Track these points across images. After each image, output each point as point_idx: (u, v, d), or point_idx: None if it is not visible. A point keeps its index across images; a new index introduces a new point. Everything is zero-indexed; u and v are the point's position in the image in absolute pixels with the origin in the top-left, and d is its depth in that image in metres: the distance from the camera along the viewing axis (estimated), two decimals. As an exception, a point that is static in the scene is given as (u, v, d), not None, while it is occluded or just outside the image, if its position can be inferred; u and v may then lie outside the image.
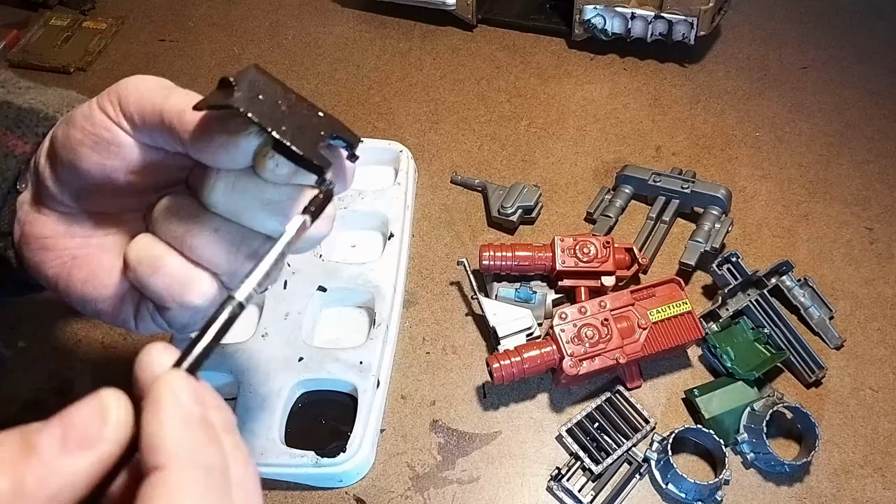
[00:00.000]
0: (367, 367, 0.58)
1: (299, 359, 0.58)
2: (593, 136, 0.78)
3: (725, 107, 0.81)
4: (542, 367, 0.57)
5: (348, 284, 0.63)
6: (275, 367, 0.58)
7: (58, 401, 0.62)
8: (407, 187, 0.70)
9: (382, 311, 0.61)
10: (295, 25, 0.93)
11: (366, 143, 0.73)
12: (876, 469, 0.56)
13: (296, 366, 0.58)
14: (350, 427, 0.55)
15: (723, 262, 0.62)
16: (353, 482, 0.56)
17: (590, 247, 0.62)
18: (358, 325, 0.64)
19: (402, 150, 0.73)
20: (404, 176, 0.70)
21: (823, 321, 0.63)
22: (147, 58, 0.89)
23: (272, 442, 0.54)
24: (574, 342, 0.56)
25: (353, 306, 0.65)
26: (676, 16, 0.79)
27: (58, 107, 0.40)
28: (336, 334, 0.63)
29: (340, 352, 0.59)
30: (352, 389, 0.58)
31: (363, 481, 0.56)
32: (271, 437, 0.55)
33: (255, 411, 0.56)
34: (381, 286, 0.63)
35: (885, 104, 0.81)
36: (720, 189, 0.68)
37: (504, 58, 0.87)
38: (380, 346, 0.59)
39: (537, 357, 0.57)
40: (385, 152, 0.73)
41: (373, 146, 0.73)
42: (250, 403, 0.56)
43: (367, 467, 0.56)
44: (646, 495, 0.55)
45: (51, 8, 0.95)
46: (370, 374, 0.57)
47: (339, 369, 0.58)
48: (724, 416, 0.56)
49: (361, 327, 0.63)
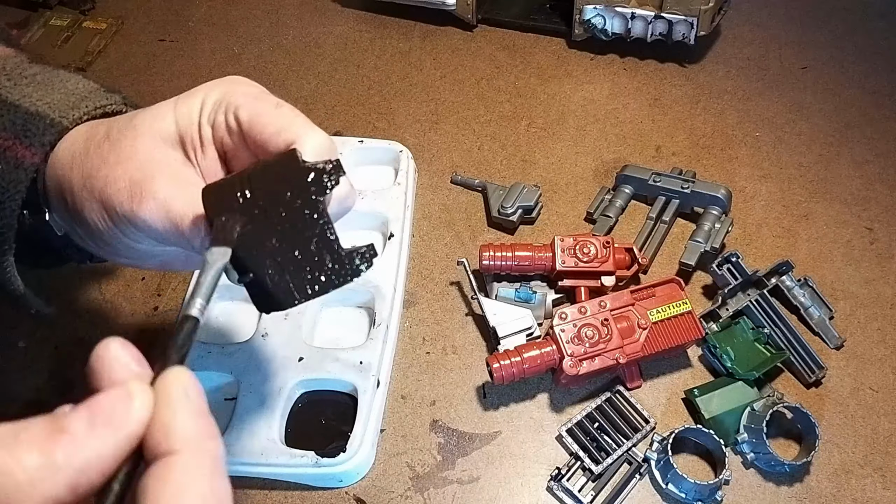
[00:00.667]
0: (368, 367, 0.58)
1: (299, 359, 0.58)
2: (593, 136, 0.78)
3: (725, 107, 0.81)
4: (542, 367, 0.57)
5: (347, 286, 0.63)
6: (275, 367, 0.58)
7: (58, 401, 0.62)
8: (407, 187, 0.70)
9: (382, 310, 0.61)
10: (295, 25, 0.93)
11: (365, 144, 0.73)
12: (876, 469, 0.56)
13: (296, 366, 0.58)
14: (350, 427, 0.55)
15: (723, 262, 0.62)
16: (353, 482, 0.56)
17: (590, 247, 0.62)
18: (358, 325, 0.64)
19: (401, 149, 0.73)
20: (404, 176, 0.70)
21: (823, 321, 0.63)
22: (147, 58, 0.89)
23: (272, 442, 0.54)
24: (574, 342, 0.56)
25: (353, 306, 0.65)
26: (676, 16, 0.79)
27: (63, 110, 0.39)
28: (336, 334, 0.63)
29: (340, 352, 0.59)
30: (352, 389, 0.58)
31: (363, 481, 0.56)
32: (271, 437, 0.54)
33: (255, 411, 0.56)
34: (380, 286, 0.63)
35: (885, 104, 0.81)
36: (720, 189, 0.68)
37: (504, 58, 0.87)
38: (380, 346, 0.59)
39: (537, 357, 0.57)
40: (385, 152, 0.73)
41: (373, 146, 0.73)
42: (250, 403, 0.56)
43: (367, 467, 0.56)
44: (646, 495, 0.55)
45: (51, 8, 0.95)
46: (370, 373, 0.57)
47: (339, 369, 0.58)
48: (724, 416, 0.56)
49: (361, 327, 0.63)
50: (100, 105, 0.41)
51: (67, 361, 0.63)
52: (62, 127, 0.38)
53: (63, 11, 0.95)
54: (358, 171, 0.73)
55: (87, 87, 0.41)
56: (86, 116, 0.40)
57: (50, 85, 0.41)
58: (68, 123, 0.39)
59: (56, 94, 0.40)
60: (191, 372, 0.26)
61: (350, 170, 0.73)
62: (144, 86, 0.86)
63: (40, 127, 0.38)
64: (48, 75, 0.42)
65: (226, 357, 0.59)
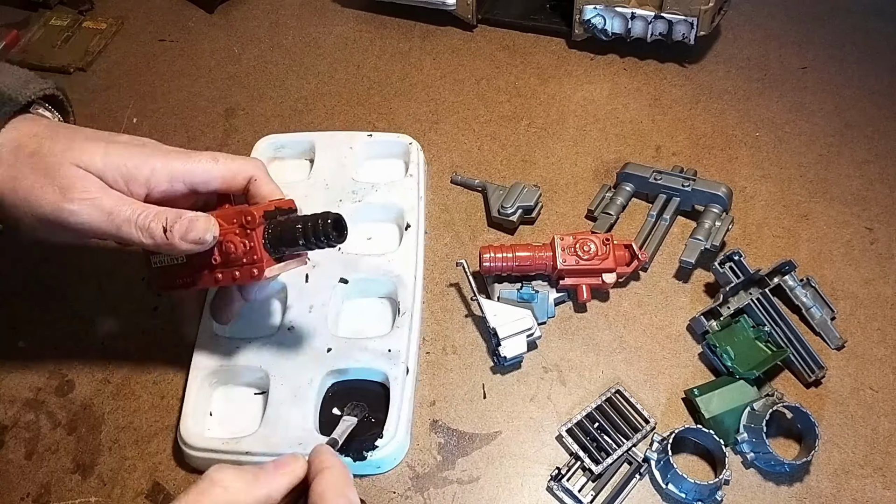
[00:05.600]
0: (396, 355, 0.59)
1: (328, 349, 0.59)
2: (593, 136, 0.78)
3: (725, 107, 0.81)
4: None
5: (369, 275, 0.64)
6: (304, 359, 0.59)
7: (58, 401, 0.63)
8: (419, 178, 0.71)
9: (406, 299, 0.62)
10: (295, 25, 0.93)
11: (375, 137, 0.74)
12: (876, 469, 0.56)
13: (325, 356, 0.59)
14: (379, 414, 0.56)
15: (725, 261, 0.62)
16: (390, 468, 0.56)
17: (590, 245, 0.62)
18: (380, 315, 0.64)
19: (410, 142, 0.74)
20: (415, 167, 0.72)
21: (825, 321, 0.63)
22: (147, 58, 0.89)
23: (308, 432, 0.55)
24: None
25: (375, 297, 0.66)
26: (676, 16, 0.79)
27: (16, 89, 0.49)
28: (360, 326, 0.64)
29: (368, 341, 0.60)
30: (383, 378, 0.58)
31: (363, 481, 0.56)
32: (307, 427, 0.55)
33: (288, 403, 0.57)
34: (402, 275, 0.64)
35: (885, 104, 0.80)
36: (721, 187, 0.68)
37: (504, 58, 0.87)
38: (406, 334, 0.60)
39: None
40: (394, 145, 0.74)
41: (382, 140, 0.74)
42: (283, 395, 0.57)
43: (403, 453, 0.57)
44: (646, 495, 0.55)
45: (51, 8, 0.95)
46: (399, 360, 0.58)
47: (369, 358, 0.59)
48: (724, 416, 0.56)
49: (384, 317, 0.64)
50: (41, 88, 0.51)
51: (67, 361, 0.63)
52: (19, 102, 0.48)
53: (63, 11, 0.95)
54: (368, 164, 0.74)
55: (27, 75, 0.52)
56: (33, 96, 0.50)
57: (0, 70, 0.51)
58: (23, 100, 0.49)
59: (7, 77, 0.50)
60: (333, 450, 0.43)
61: (360, 163, 0.74)
62: (144, 86, 0.86)
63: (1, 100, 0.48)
64: None
65: (254, 351, 0.60)
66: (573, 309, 0.65)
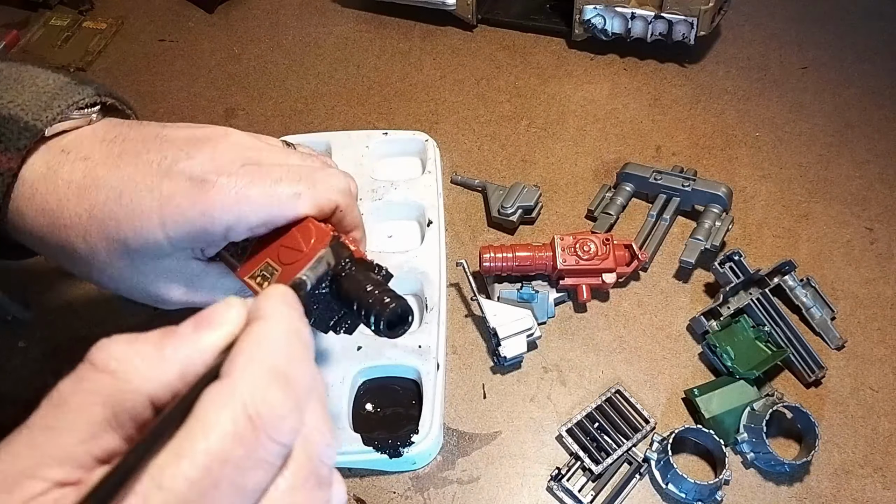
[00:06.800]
0: (427, 351, 0.59)
1: (358, 348, 0.59)
2: (593, 136, 0.78)
3: (725, 107, 0.81)
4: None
5: (394, 273, 0.64)
6: (335, 358, 0.59)
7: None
8: (437, 175, 0.71)
9: (432, 295, 0.63)
10: (295, 25, 0.93)
11: (390, 135, 0.74)
12: (876, 469, 0.56)
13: (355, 355, 0.59)
14: (410, 410, 0.57)
15: (725, 260, 0.62)
16: (425, 464, 0.57)
17: (589, 244, 0.62)
18: None
19: (426, 139, 0.74)
20: (433, 164, 0.72)
21: (825, 321, 0.63)
22: (147, 58, 0.89)
23: (343, 430, 0.55)
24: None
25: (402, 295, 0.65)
26: (676, 16, 0.79)
27: (36, 111, 0.40)
28: None
29: None
30: (414, 374, 0.59)
31: (363, 481, 0.56)
32: (342, 425, 0.55)
33: None
34: (428, 272, 0.64)
35: (885, 104, 0.80)
36: (721, 187, 0.68)
37: (504, 58, 0.87)
38: (435, 330, 0.60)
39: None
40: (410, 143, 0.74)
41: (398, 137, 0.75)
42: None
43: (437, 449, 0.57)
44: (646, 495, 0.55)
45: (51, 8, 0.95)
46: (430, 356, 0.59)
47: (400, 355, 0.59)
48: (724, 416, 0.56)
49: None
50: (72, 102, 0.41)
51: (67, 361, 0.63)
52: (36, 130, 0.39)
53: (63, 11, 0.95)
54: (384, 162, 0.75)
55: (57, 83, 0.42)
56: (59, 116, 0.40)
57: (19, 83, 0.41)
58: (42, 126, 0.39)
59: (26, 93, 0.40)
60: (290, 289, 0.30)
61: (377, 161, 0.73)
62: (144, 86, 0.85)
63: (14, 131, 0.38)
64: (15, 71, 0.42)
65: None
66: (573, 309, 0.65)
